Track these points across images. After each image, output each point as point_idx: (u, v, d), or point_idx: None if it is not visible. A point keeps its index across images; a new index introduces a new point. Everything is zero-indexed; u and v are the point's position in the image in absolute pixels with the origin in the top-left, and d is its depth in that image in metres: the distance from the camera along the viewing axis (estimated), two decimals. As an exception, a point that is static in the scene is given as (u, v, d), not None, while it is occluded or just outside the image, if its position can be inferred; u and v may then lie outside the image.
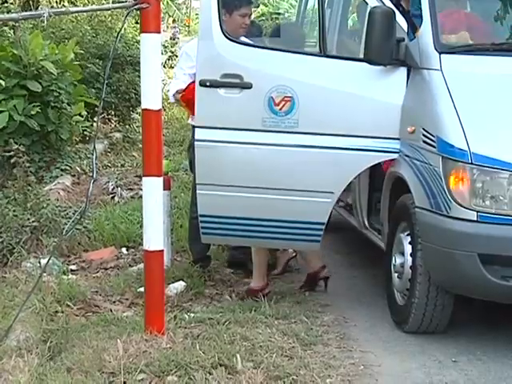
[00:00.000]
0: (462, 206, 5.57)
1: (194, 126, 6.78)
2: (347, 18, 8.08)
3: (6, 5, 17.84)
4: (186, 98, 7.78)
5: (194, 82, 6.23)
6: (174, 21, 38.13)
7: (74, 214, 8.11)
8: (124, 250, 8.27)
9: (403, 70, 6.25)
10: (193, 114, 7.62)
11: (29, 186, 8.42)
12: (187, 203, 8.96)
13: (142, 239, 5.92)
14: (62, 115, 10.93)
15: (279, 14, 32.36)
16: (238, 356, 5.34)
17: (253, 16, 15.67)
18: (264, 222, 6.38)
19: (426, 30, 6.16)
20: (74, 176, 11.18)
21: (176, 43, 18.27)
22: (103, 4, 16.95)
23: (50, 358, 5.46)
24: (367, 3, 6.24)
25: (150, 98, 5.61)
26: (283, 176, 6.28)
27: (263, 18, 29.91)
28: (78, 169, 11.39)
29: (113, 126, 14.72)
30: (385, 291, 6.55)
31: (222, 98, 6.27)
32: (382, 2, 6.19)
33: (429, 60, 6.09)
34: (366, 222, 7.13)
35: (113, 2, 15.80)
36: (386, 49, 6.09)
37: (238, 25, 6.88)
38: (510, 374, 5.51)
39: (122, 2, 7.30)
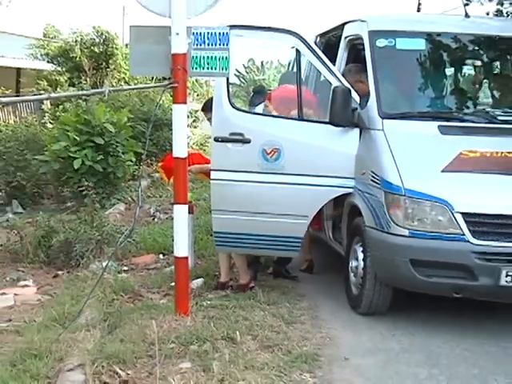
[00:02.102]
0: (397, 225, 5.58)
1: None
2: (317, 93, 8.09)
3: (80, 84, 18.06)
4: (165, 167, 7.76)
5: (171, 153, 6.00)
6: (197, 95, 38.17)
7: (126, 230, 8.11)
8: (161, 256, 8.23)
9: (357, 130, 6.27)
10: (168, 179, 7.51)
11: (95, 211, 8.44)
12: (205, 223, 8.95)
13: (173, 248, 5.92)
14: (118, 161, 10.99)
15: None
16: (237, 332, 5.34)
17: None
18: (259, 237, 6.37)
19: (372, 102, 6.21)
20: (126, 204, 11.20)
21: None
22: (148, 83, 17.02)
23: (108, 332, 5.47)
24: (331, 83, 6.26)
25: (179, 150, 5.67)
26: (273, 204, 6.28)
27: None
28: (129, 198, 11.42)
29: (154, 168, 14.70)
30: (344, 285, 6.54)
31: (229, 150, 6.28)
32: (341, 83, 6.23)
33: (374, 123, 6.13)
34: (331, 236, 7.11)
35: (154, 83, 15.85)
36: (344, 115, 6.14)
37: None
38: (432, 343, 5.51)
39: (161, 83, 7.33)
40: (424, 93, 6.80)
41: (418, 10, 21.51)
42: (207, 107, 7.01)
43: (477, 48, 7.11)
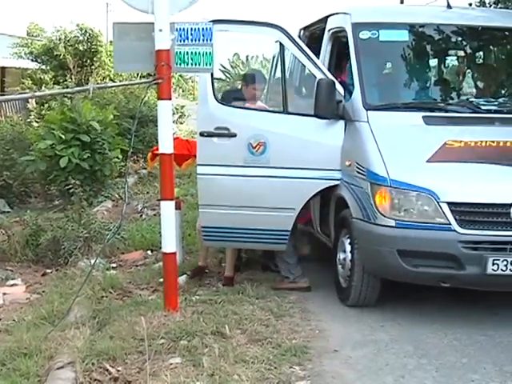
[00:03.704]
0: (384, 216, 5.58)
1: None
2: (302, 86, 8.09)
3: (65, 83, 18.00)
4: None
5: None
6: (182, 91, 38.09)
7: (113, 227, 8.08)
8: (149, 252, 8.21)
9: (341, 122, 6.27)
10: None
11: (82, 209, 8.40)
12: (193, 219, 8.91)
13: (161, 244, 5.90)
14: (104, 158, 10.93)
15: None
16: (226, 326, 5.34)
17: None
18: (247, 231, 6.35)
19: (356, 94, 6.20)
20: (113, 201, 11.16)
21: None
22: (133, 80, 16.96)
23: (98, 329, 5.45)
24: (315, 76, 6.25)
25: (165, 146, 5.64)
26: (259, 198, 6.27)
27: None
28: (117, 195, 11.39)
29: (140, 165, 14.66)
30: (332, 277, 6.53)
31: (215, 144, 6.27)
32: (326, 76, 6.22)
33: (359, 115, 6.13)
34: (319, 229, 7.11)
35: (140, 79, 15.82)
36: (329, 107, 6.13)
37: (251, 94, 6.84)
38: (420, 333, 5.52)
39: (145, 78, 7.30)
40: (408, 84, 6.82)
41: (402, 2, 21.51)
42: None
43: (460, 38, 7.12)
